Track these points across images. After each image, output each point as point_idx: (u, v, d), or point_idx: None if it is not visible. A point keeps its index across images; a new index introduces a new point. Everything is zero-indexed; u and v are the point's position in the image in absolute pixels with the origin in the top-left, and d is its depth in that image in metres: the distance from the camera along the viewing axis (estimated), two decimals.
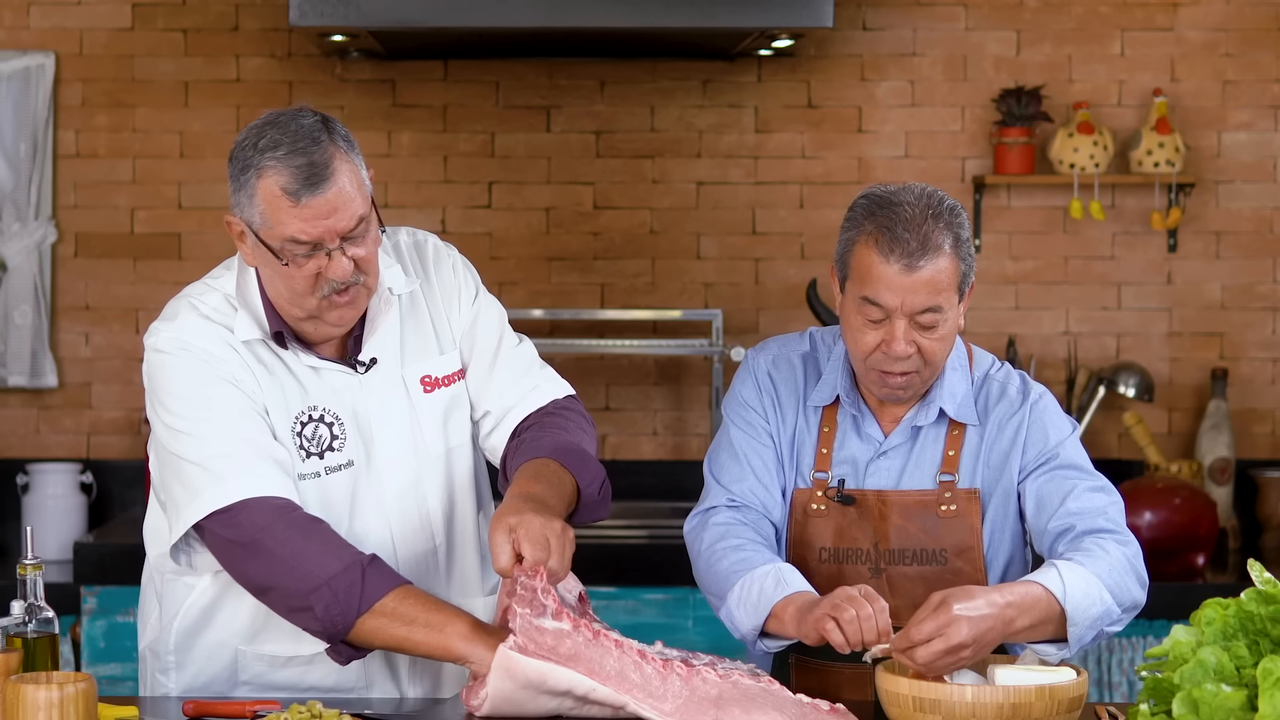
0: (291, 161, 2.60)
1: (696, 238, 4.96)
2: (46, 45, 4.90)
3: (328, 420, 2.75)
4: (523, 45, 4.77)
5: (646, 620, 4.26)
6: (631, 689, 2.51)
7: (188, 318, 2.74)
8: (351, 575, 2.59)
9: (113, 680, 4.21)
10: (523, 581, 2.53)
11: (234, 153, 2.66)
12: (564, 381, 2.97)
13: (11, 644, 2.57)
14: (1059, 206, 4.96)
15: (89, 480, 4.78)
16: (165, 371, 2.72)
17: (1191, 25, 4.94)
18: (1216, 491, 4.84)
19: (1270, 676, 2.11)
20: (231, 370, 2.71)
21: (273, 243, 2.63)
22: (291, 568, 2.61)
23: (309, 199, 2.60)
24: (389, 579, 2.62)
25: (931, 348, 2.76)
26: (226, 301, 2.76)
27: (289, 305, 2.70)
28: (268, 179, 2.60)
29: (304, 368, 2.76)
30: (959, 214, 2.77)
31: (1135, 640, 4.31)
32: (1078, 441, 2.90)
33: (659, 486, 4.90)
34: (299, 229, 2.61)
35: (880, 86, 4.95)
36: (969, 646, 2.50)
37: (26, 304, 4.87)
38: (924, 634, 2.50)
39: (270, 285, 2.71)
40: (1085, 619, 2.64)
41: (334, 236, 2.62)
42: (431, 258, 2.91)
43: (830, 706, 2.53)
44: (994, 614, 2.53)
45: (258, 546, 2.63)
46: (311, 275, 2.64)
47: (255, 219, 2.63)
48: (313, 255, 2.63)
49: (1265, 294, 4.98)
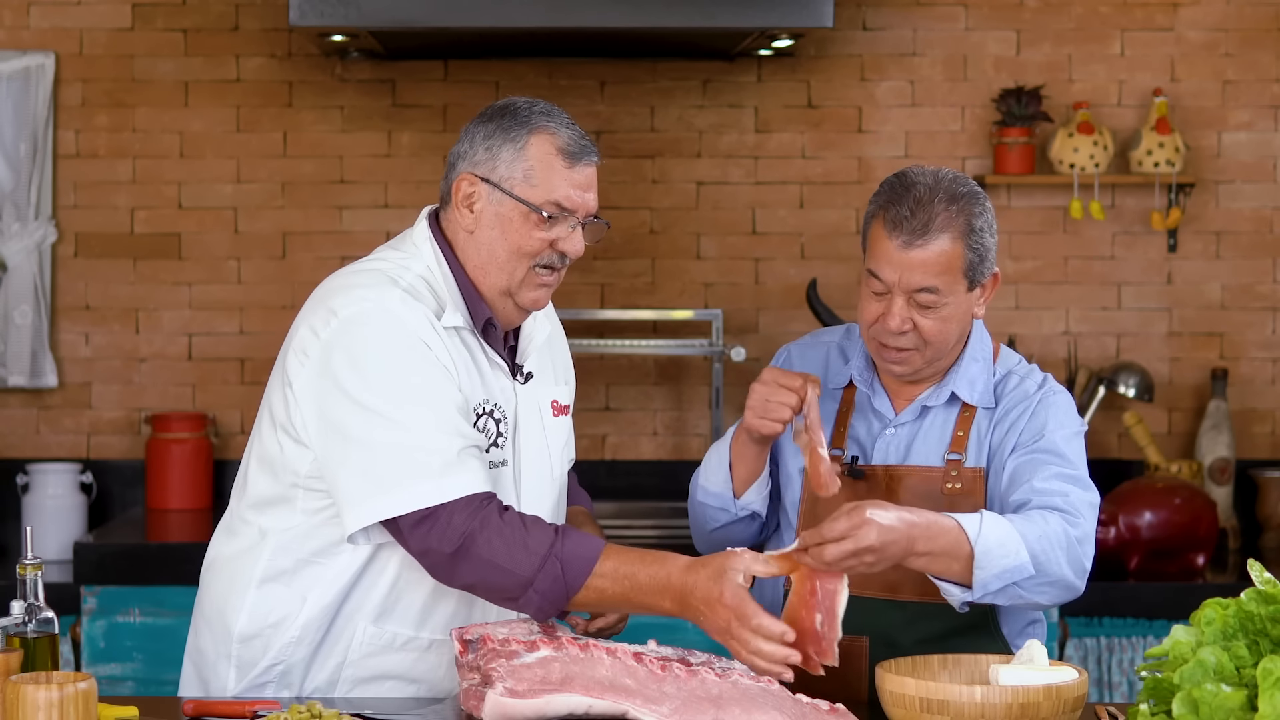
0: (570, 128, 2.73)
1: (696, 238, 4.96)
2: (46, 45, 4.90)
3: (497, 416, 2.78)
4: (523, 45, 4.77)
5: (646, 620, 4.24)
6: (629, 696, 2.51)
7: (392, 291, 2.70)
8: (551, 569, 2.60)
9: (113, 680, 4.21)
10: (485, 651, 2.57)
11: (497, 113, 2.75)
12: None
13: (11, 644, 2.57)
14: (1059, 206, 4.96)
15: (89, 480, 4.78)
16: (368, 343, 2.65)
17: (1191, 25, 4.94)
18: (1216, 491, 4.84)
19: (1270, 676, 2.11)
20: (439, 351, 2.69)
21: (533, 200, 2.69)
22: (497, 567, 2.61)
23: (581, 165, 2.72)
24: (587, 555, 2.62)
25: (930, 328, 2.80)
26: (425, 283, 2.74)
27: (500, 270, 2.73)
28: (545, 137, 2.71)
29: (485, 360, 2.78)
30: (978, 201, 2.81)
31: (1135, 640, 4.31)
32: (1076, 440, 2.88)
33: (659, 486, 4.90)
34: (567, 192, 2.71)
35: (880, 86, 4.95)
36: (875, 552, 2.58)
37: (26, 304, 4.87)
38: (835, 532, 2.57)
39: (488, 250, 2.73)
40: (994, 567, 2.66)
41: (585, 214, 2.73)
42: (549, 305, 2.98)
43: (830, 706, 2.53)
44: (902, 529, 2.60)
45: (464, 553, 2.61)
46: (546, 241, 2.71)
47: (516, 175, 2.71)
48: (558, 222, 2.71)
49: (1265, 294, 4.98)
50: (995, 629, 2.91)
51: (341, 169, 4.92)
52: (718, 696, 2.51)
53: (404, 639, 2.76)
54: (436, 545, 2.61)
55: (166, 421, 4.78)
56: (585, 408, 4.91)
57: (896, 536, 2.59)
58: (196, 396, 4.94)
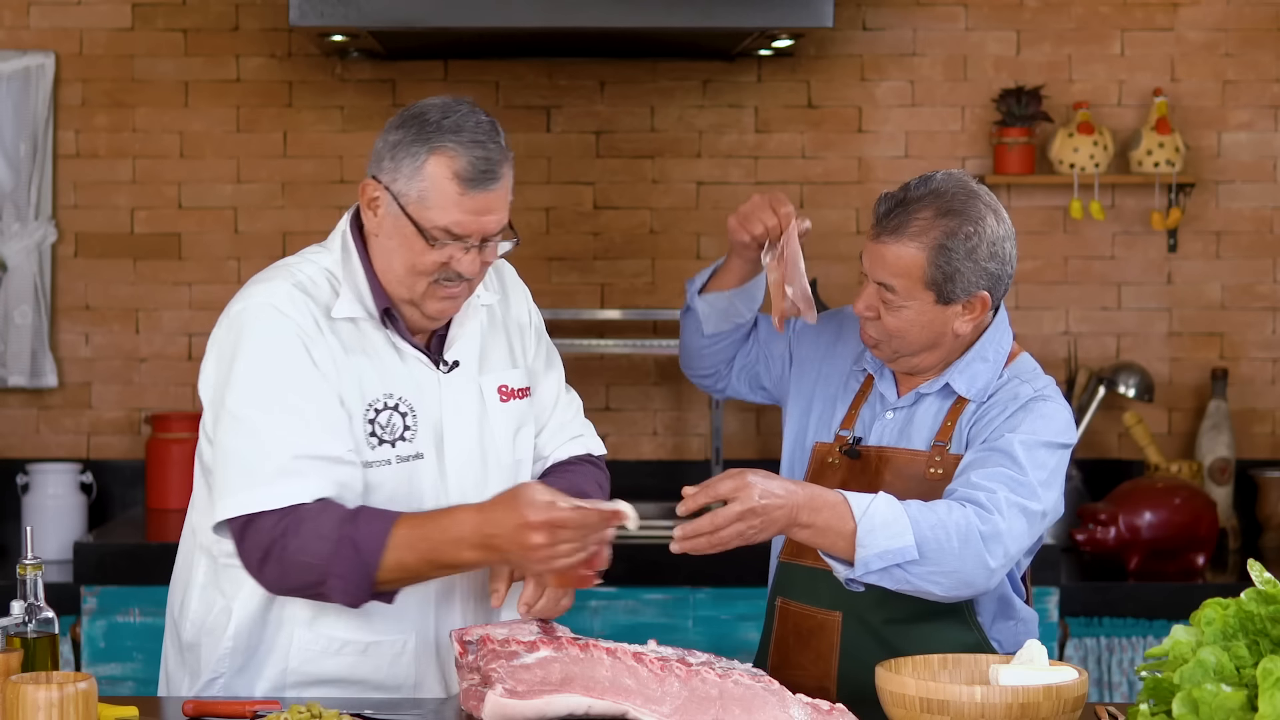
0: (473, 151, 2.63)
1: (696, 238, 4.96)
2: (46, 45, 4.90)
3: (402, 410, 2.75)
4: (523, 45, 4.77)
5: (646, 620, 4.26)
6: (629, 695, 2.51)
7: (281, 285, 2.72)
8: (344, 551, 2.59)
9: (113, 680, 4.21)
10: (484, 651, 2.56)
11: (405, 121, 2.65)
12: (599, 440, 3.06)
13: (11, 644, 2.57)
14: (1059, 206, 4.96)
15: (89, 480, 4.78)
16: (245, 343, 2.69)
17: (1191, 25, 4.94)
18: (1216, 491, 4.84)
19: (1270, 676, 2.11)
20: (311, 347, 2.69)
21: (423, 223, 2.64)
22: (297, 564, 2.62)
23: (476, 193, 2.64)
24: (379, 529, 2.61)
25: (889, 323, 2.90)
26: (325, 276, 2.75)
27: (398, 283, 2.71)
28: (444, 158, 2.63)
29: (391, 353, 2.75)
30: (965, 224, 2.86)
31: (1135, 640, 4.31)
32: (1043, 450, 2.86)
33: (659, 486, 4.90)
34: (456, 220, 2.64)
35: (880, 86, 4.95)
36: (758, 515, 2.65)
37: (26, 304, 4.86)
38: (721, 491, 2.65)
39: (387, 259, 2.71)
40: (875, 546, 2.69)
41: (481, 235, 2.67)
42: (509, 280, 2.97)
43: (830, 707, 2.52)
44: (784, 495, 2.67)
45: (269, 558, 2.63)
46: (438, 262, 2.66)
47: (412, 193, 2.64)
48: (454, 244, 2.66)
49: (1265, 294, 4.98)
50: (969, 614, 2.94)
51: (341, 169, 4.92)
52: (718, 696, 2.50)
53: (340, 643, 2.76)
54: (249, 552, 2.65)
55: (166, 421, 4.78)
56: (585, 408, 4.88)
57: (779, 502, 2.66)
58: (196, 397, 4.93)
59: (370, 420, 2.73)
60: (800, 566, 3.01)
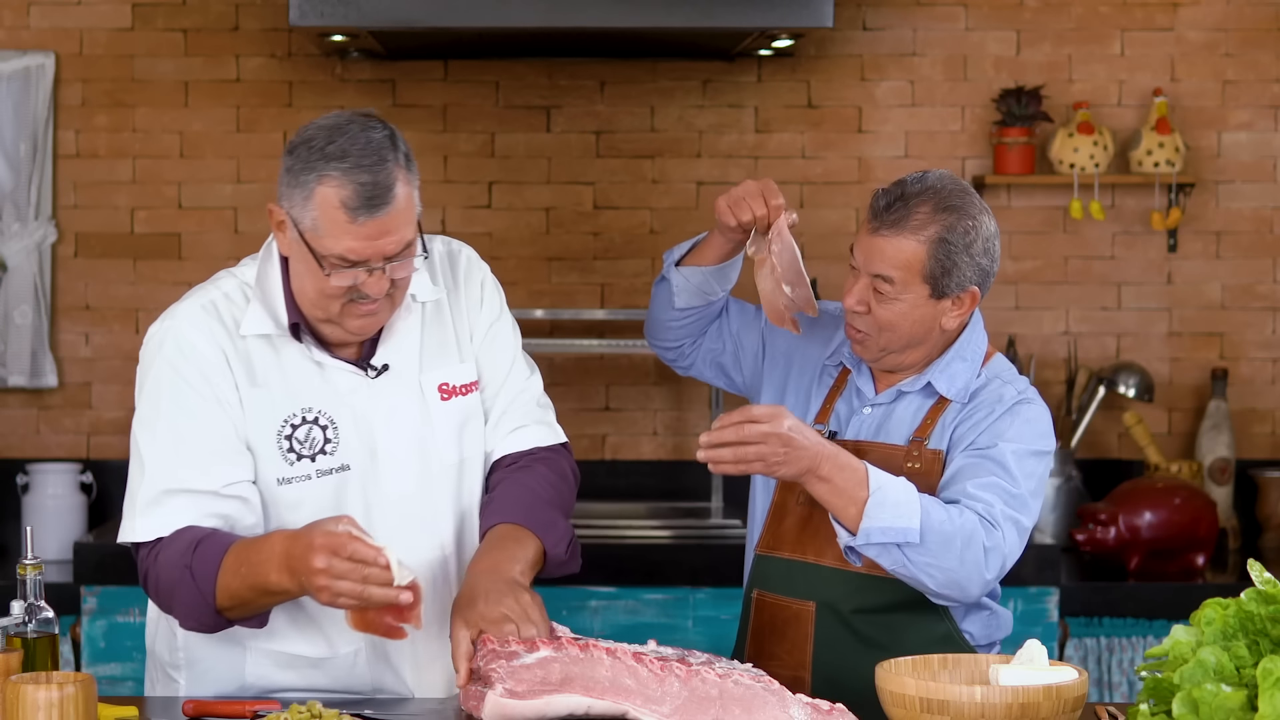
0: (356, 177, 2.57)
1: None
2: (46, 45, 4.90)
3: (322, 423, 2.73)
4: (523, 45, 4.77)
5: (646, 620, 4.26)
6: (629, 696, 2.51)
7: (189, 307, 2.74)
8: (183, 579, 2.62)
9: (113, 680, 4.21)
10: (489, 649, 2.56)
11: (295, 147, 2.62)
12: (558, 428, 2.95)
13: (11, 644, 2.57)
14: (1059, 206, 4.96)
15: (89, 480, 4.78)
16: (146, 370, 2.74)
17: (1191, 25, 4.94)
18: (1216, 491, 4.84)
19: (1270, 676, 2.11)
20: (208, 373, 2.69)
21: (318, 250, 2.61)
22: (159, 593, 2.68)
23: (366, 219, 2.57)
24: (213, 555, 2.61)
25: (882, 316, 2.93)
26: (242, 291, 2.75)
27: (312, 306, 2.69)
28: (328, 188, 2.58)
29: (309, 365, 2.73)
30: (963, 219, 2.91)
31: (1135, 640, 4.31)
32: (1031, 459, 2.91)
33: (659, 486, 4.90)
34: (349, 247, 2.59)
35: (880, 86, 4.95)
36: (784, 446, 2.73)
37: (26, 304, 4.86)
38: (757, 414, 2.74)
39: (299, 281, 2.69)
40: (881, 520, 2.76)
41: (380, 258, 2.61)
42: (463, 269, 2.91)
43: (830, 707, 2.52)
44: (813, 438, 2.77)
45: (146, 585, 2.70)
46: (344, 286, 2.63)
47: (305, 222, 2.61)
48: (353, 269, 2.61)
49: (1265, 294, 4.98)
50: (942, 606, 2.96)
51: None
52: (718, 696, 2.50)
53: (290, 657, 2.77)
54: (140, 576, 2.71)
55: None
56: (585, 408, 4.91)
57: (807, 442, 2.75)
58: None
59: (287, 437, 2.72)
60: (777, 558, 3.04)
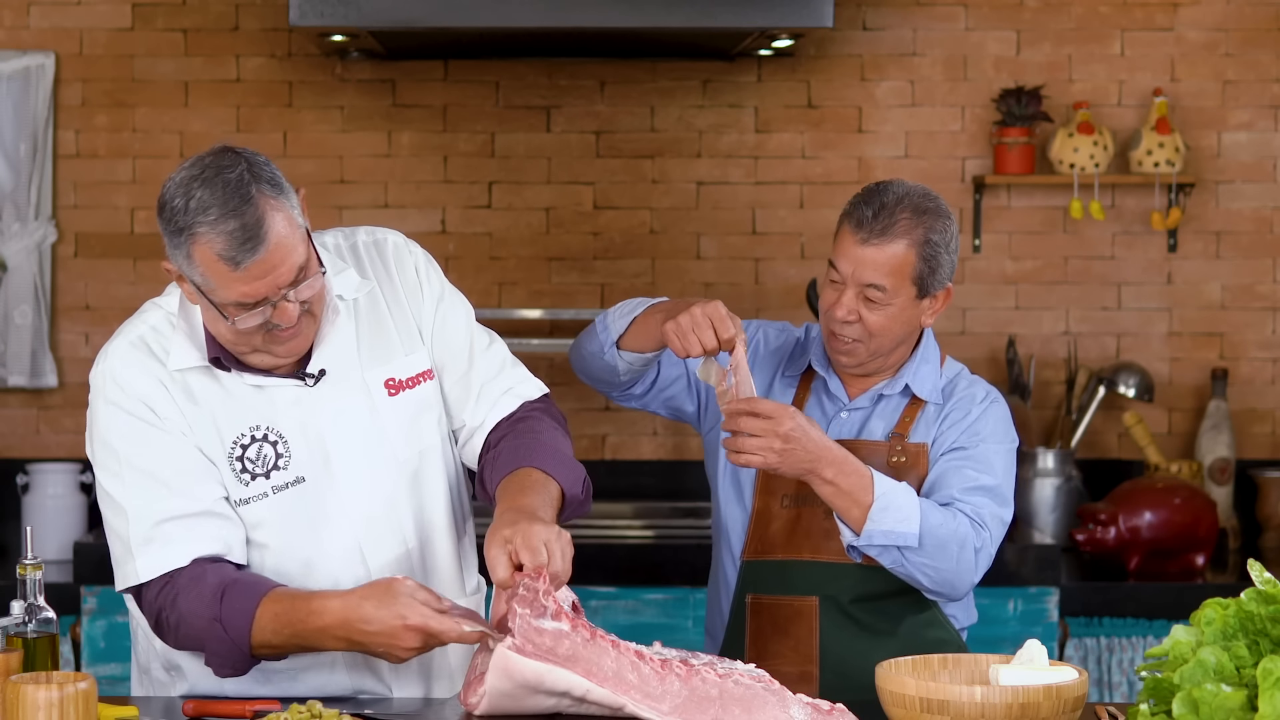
0: (224, 226, 2.52)
1: (696, 238, 4.96)
2: (46, 45, 4.90)
3: (271, 439, 2.71)
4: (523, 45, 4.77)
5: (646, 620, 4.26)
6: (629, 689, 2.51)
7: (119, 345, 2.73)
8: (214, 631, 2.60)
9: (113, 680, 4.21)
10: (525, 583, 2.53)
11: (163, 207, 2.58)
12: (536, 380, 2.93)
13: (11, 644, 2.57)
14: (1059, 206, 4.96)
15: (89, 480, 4.78)
16: (94, 415, 2.73)
17: (1191, 25, 4.94)
18: (1216, 491, 4.84)
19: (1270, 676, 2.11)
20: (153, 406, 2.68)
21: (216, 301, 2.58)
22: (184, 636, 2.66)
23: (249, 263, 2.53)
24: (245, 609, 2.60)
25: (874, 322, 3.02)
26: (168, 321, 2.72)
27: (230, 344, 2.66)
28: (203, 245, 2.53)
29: (245, 387, 2.71)
30: (941, 220, 3.04)
31: (1135, 640, 4.31)
32: (1008, 455, 3.08)
33: (659, 486, 4.90)
34: (242, 292, 2.55)
35: (880, 86, 4.95)
36: (784, 441, 2.87)
37: (26, 304, 4.86)
38: (763, 408, 2.88)
39: (213, 325, 2.66)
40: (884, 523, 2.91)
41: (277, 290, 2.57)
42: (392, 257, 2.84)
43: (830, 707, 2.52)
44: (815, 438, 2.90)
45: (160, 626, 2.68)
46: (255, 325, 2.60)
47: (196, 278, 2.58)
48: (258, 307, 2.58)
49: (1265, 294, 4.98)
50: None
51: (341, 169, 4.92)
52: (719, 696, 2.50)
53: (269, 670, 2.75)
54: (147, 617, 2.70)
55: None
56: (585, 407, 4.91)
57: (807, 443, 2.88)
58: None
59: (238, 458, 2.70)
60: (768, 562, 3.11)
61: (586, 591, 4.23)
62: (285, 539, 2.73)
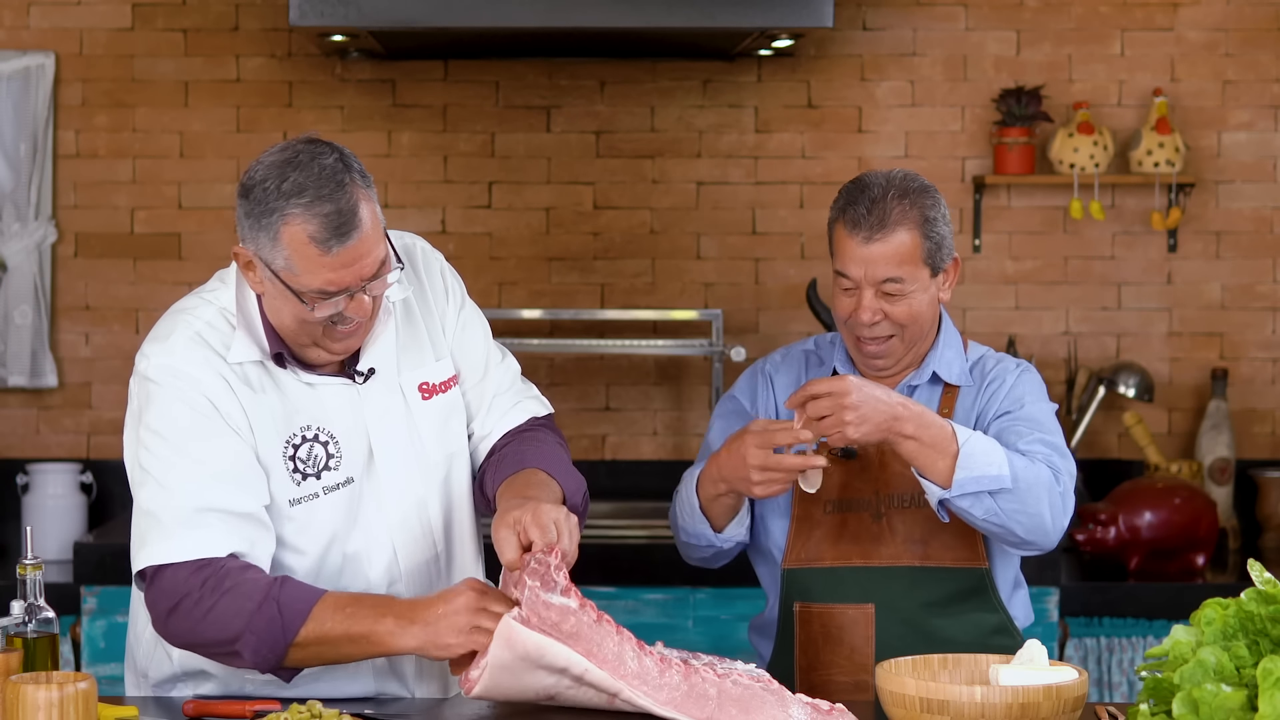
0: (319, 209, 2.54)
1: (696, 238, 4.96)
2: (46, 45, 4.90)
3: (322, 439, 2.71)
4: (523, 45, 4.77)
5: (646, 620, 4.26)
6: (627, 675, 2.51)
7: (179, 340, 2.69)
8: (268, 610, 2.57)
9: (113, 680, 4.20)
10: (538, 557, 2.54)
11: (250, 189, 2.58)
12: (544, 400, 2.97)
13: (11, 644, 2.57)
14: (1059, 206, 4.96)
15: (89, 480, 4.78)
16: (150, 404, 2.67)
17: (1191, 25, 4.94)
18: (1216, 491, 4.84)
19: (1270, 676, 2.11)
20: (216, 402, 2.66)
21: (297, 288, 2.58)
22: (208, 623, 2.59)
23: (339, 249, 2.54)
24: (306, 597, 2.59)
25: (901, 314, 3.00)
26: (223, 318, 2.71)
27: (291, 334, 2.66)
28: (295, 226, 2.54)
29: (300, 386, 2.71)
30: (929, 195, 3.02)
31: (1135, 640, 4.31)
32: (1052, 413, 3.04)
33: (659, 486, 4.89)
34: (328, 279, 2.56)
35: (880, 86, 4.95)
36: (854, 410, 2.81)
37: (26, 304, 4.87)
38: (819, 389, 2.83)
39: (276, 315, 2.66)
40: (975, 469, 2.84)
41: (359, 282, 2.58)
42: (421, 263, 2.88)
43: (830, 707, 2.53)
44: (884, 397, 2.84)
45: (176, 612, 2.61)
46: (327, 315, 2.60)
47: (278, 262, 2.57)
48: (334, 297, 2.59)
49: (1265, 294, 4.98)
50: (993, 592, 3.05)
51: None
52: (717, 695, 2.51)
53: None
54: (158, 602, 2.62)
55: None
56: (585, 408, 4.91)
57: (876, 404, 2.82)
58: None
59: (290, 457, 2.70)
60: (816, 569, 3.06)
61: (586, 592, 4.20)
62: (325, 540, 2.73)
